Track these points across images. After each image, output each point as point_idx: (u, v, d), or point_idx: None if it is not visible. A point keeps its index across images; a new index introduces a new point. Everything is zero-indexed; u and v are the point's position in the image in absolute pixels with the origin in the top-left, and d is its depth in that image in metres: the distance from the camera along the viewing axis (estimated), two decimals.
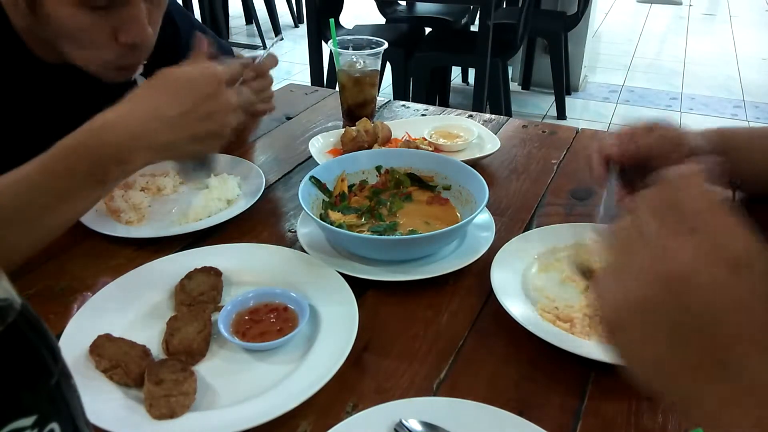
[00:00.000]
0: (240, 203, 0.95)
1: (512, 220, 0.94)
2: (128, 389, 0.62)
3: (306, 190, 0.87)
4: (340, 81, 1.24)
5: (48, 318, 0.72)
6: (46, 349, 0.30)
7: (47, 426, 0.29)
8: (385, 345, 0.70)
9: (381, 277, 0.78)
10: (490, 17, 2.70)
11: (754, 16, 6.64)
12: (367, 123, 1.12)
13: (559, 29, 3.63)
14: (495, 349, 0.70)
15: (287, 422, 0.59)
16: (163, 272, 0.78)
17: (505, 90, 3.25)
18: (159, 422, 0.58)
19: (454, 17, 3.56)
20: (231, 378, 0.65)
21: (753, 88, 4.35)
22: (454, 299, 0.77)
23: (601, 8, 5.76)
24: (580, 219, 0.93)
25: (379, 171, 0.97)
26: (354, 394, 0.63)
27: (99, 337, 0.65)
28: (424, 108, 1.37)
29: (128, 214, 0.91)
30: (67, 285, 0.79)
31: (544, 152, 1.16)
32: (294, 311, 0.71)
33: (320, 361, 0.65)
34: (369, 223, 0.89)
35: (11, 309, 0.28)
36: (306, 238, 0.84)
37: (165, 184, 1.00)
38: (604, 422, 0.60)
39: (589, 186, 1.04)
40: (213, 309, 0.73)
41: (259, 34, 5.10)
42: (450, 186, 0.94)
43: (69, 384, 0.32)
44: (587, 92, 4.25)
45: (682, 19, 6.35)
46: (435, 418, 0.57)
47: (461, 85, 4.27)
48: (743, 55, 5.06)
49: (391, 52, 2.82)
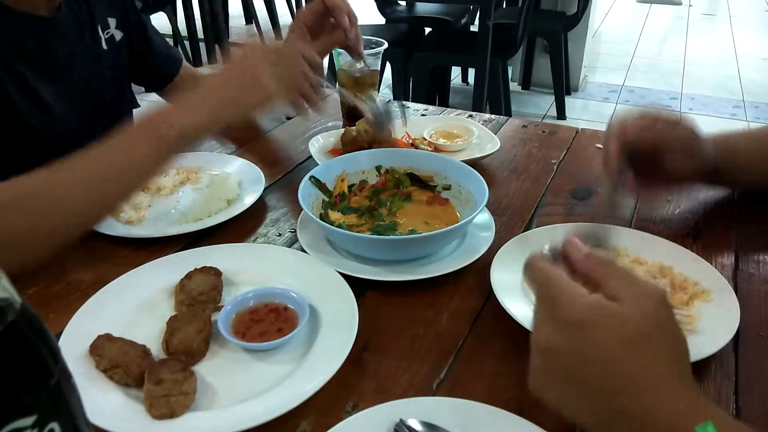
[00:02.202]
0: (240, 203, 0.95)
1: (512, 220, 0.94)
2: (128, 389, 0.62)
3: (306, 190, 0.87)
4: (340, 81, 1.24)
5: (48, 318, 0.72)
6: (46, 349, 0.30)
7: (47, 426, 0.29)
8: (385, 345, 0.70)
9: (381, 277, 0.78)
10: (490, 17, 2.70)
11: (754, 16, 6.64)
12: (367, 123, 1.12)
13: (559, 29, 3.63)
14: (495, 349, 0.70)
15: (287, 422, 0.59)
16: (163, 272, 0.78)
17: (505, 90, 3.25)
18: (159, 422, 0.58)
19: (454, 17, 3.56)
20: (231, 378, 0.65)
21: (753, 88, 4.35)
22: (454, 299, 0.77)
23: (601, 8, 5.76)
24: (580, 219, 0.93)
25: (379, 171, 0.97)
26: (354, 394, 0.63)
27: (99, 337, 0.65)
28: (424, 108, 1.37)
29: (128, 213, 0.91)
30: (67, 285, 0.79)
31: (543, 152, 1.16)
32: (294, 311, 0.71)
33: (320, 361, 0.65)
34: (369, 223, 0.89)
35: (11, 309, 0.28)
36: (306, 238, 0.84)
37: (165, 184, 1.00)
38: None
39: (589, 186, 1.04)
40: (213, 309, 0.73)
41: (259, 34, 5.10)
42: (450, 186, 0.94)
43: (69, 384, 0.32)
44: (587, 92, 4.25)
45: (681, 19, 6.35)
46: (435, 418, 0.57)
47: (461, 85, 4.27)
48: (743, 55, 5.06)
49: (391, 52, 2.82)
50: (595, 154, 1.15)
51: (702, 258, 0.81)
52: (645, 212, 0.96)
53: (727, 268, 0.83)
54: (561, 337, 0.48)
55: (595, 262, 0.51)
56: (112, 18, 1.10)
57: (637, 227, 0.89)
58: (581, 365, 0.47)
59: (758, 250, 0.87)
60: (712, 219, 0.95)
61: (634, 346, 0.46)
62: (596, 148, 1.17)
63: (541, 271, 0.51)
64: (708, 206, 0.99)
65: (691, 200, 1.00)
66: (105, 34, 1.09)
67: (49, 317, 0.73)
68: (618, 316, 0.46)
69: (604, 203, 0.97)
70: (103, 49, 1.08)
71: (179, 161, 1.07)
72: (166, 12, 4.09)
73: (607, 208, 0.79)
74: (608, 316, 0.46)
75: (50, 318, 0.72)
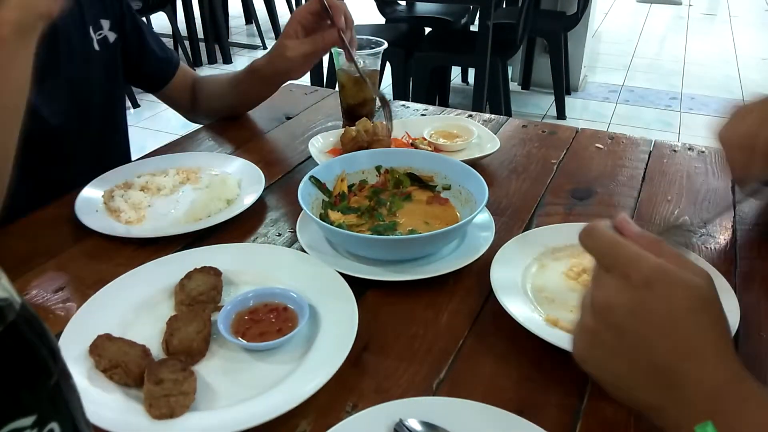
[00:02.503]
0: (240, 203, 0.95)
1: (512, 220, 0.94)
2: (128, 389, 0.62)
3: (306, 190, 0.87)
4: (340, 81, 1.24)
5: (48, 318, 0.72)
6: (46, 349, 0.30)
7: (47, 426, 0.29)
8: (385, 345, 0.70)
9: (381, 277, 0.78)
10: (490, 17, 2.70)
11: (754, 16, 6.64)
12: (367, 123, 1.12)
13: (559, 29, 3.63)
14: (495, 349, 0.70)
15: (287, 422, 0.59)
16: (163, 272, 0.78)
17: (505, 90, 3.25)
18: (159, 422, 0.58)
19: (454, 17, 3.56)
20: (231, 378, 0.65)
21: (753, 88, 4.34)
22: (454, 299, 0.77)
23: (600, 8, 5.76)
24: (580, 219, 0.93)
25: (379, 171, 0.97)
26: (354, 394, 0.63)
27: (99, 337, 0.65)
28: (424, 108, 1.37)
29: (128, 213, 0.91)
30: (67, 285, 0.79)
31: (543, 152, 1.16)
32: (294, 311, 0.71)
33: (320, 361, 0.65)
34: (369, 223, 0.89)
35: (11, 309, 0.28)
36: (306, 238, 0.84)
37: (165, 184, 1.00)
38: (604, 422, 0.60)
39: (589, 186, 1.04)
40: (213, 309, 0.73)
41: (259, 34, 5.10)
42: (450, 186, 0.94)
43: (69, 384, 0.32)
44: (587, 92, 4.25)
45: (681, 19, 6.36)
46: (435, 418, 0.57)
47: (461, 85, 4.27)
48: (743, 55, 5.06)
49: (391, 52, 2.82)
50: (595, 154, 1.16)
51: (702, 258, 0.80)
52: (644, 212, 0.96)
53: (727, 268, 0.83)
54: (625, 295, 0.48)
55: (649, 239, 0.52)
56: (105, 20, 1.11)
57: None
58: (643, 322, 0.48)
59: (758, 250, 0.87)
60: (712, 219, 0.95)
61: (694, 312, 0.47)
62: (596, 148, 1.18)
63: (605, 234, 0.52)
64: (707, 206, 0.99)
65: (691, 200, 1.00)
66: (97, 36, 1.09)
67: (49, 317, 0.73)
68: (683, 281, 0.48)
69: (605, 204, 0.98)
70: (95, 50, 1.08)
71: (179, 161, 1.07)
72: (166, 12, 4.10)
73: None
74: (674, 279, 0.48)
75: (50, 318, 0.73)
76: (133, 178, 1.00)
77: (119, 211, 0.92)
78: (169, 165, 1.06)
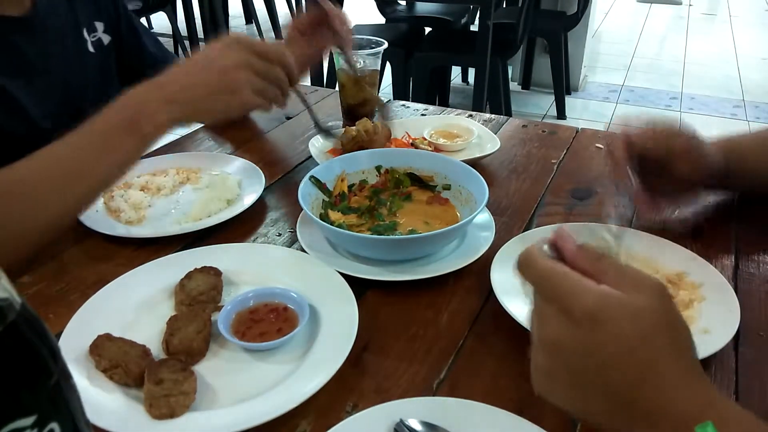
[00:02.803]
0: (240, 203, 0.95)
1: (512, 220, 0.94)
2: (128, 389, 0.62)
3: (306, 190, 0.87)
4: (340, 81, 1.24)
5: (48, 318, 0.72)
6: (46, 349, 0.30)
7: (47, 426, 0.29)
8: (385, 345, 0.70)
9: (381, 277, 0.78)
10: (490, 17, 2.70)
11: (754, 16, 6.64)
12: (367, 123, 1.12)
13: (559, 29, 3.63)
14: (495, 349, 0.70)
15: (287, 422, 0.59)
16: (163, 272, 0.78)
17: (505, 90, 3.25)
18: (159, 422, 0.58)
19: (454, 17, 3.56)
20: (231, 378, 0.65)
21: (753, 88, 4.35)
22: (454, 299, 0.77)
23: (601, 8, 5.76)
24: (580, 219, 0.93)
25: (379, 171, 0.97)
26: (354, 394, 0.63)
27: (99, 337, 0.65)
28: (424, 108, 1.37)
29: (128, 213, 0.91)
30: (67, 285, 0.79)
31: (543, 152, 1.16)
32: (294, 311, 0.71)
33: (320, 361, 0.65)
34: (369, 223, 0.89)
35: (11, 309, 0.28)
36: (306, 238, 0.84)
37: (165, 184, 1.00)
38: None
39: (589, 185, 1.04)
40: (213, 309, 0.73)
41: (259, 34, 5.10)
42: (450, 186, 0.94)
43: (69, 384, 0.32)
44: (587, 92, 4.25)
45: (682, 19, 6.35)
46: (435, 418, 0.57)
47: (461, 84, 4.27)
48: (743, 55, 5.06)
49: (391, 52, 2.81)
50: (595, 154, 1.16)
51: (702, 258, 0.81)
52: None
53: (727, 268, 0.83)
54: (571, 332, 0.46)
55: (587, 255, 0.49)
56: (99, 22, 1.11)
57: (636, 227, 0.89)
58: (595, 360, 0.45)
59: (758, 250, 0.87)
60: (712, 219, 0.95)
61: (648, 339, 0.45)
62: (596, 148, 1.17)
63: (541, 265, 0.49)
64: (708, 206, 0.99)
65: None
66: (91, 37, 1.09)
67: (49, 317, 0.73)
68: (629, 309, 0.45)
69: (608, 213, 0.98)
70: (89, 51, 1.08)
71: (179, 161, 1.07)
72: (166, 12, 4.10)
73: (612, 217, 0.80)
74: (619, 311, 0.45)
75: (50, 318, 0.72)
76: (132, 178, 1.00)
77: (119, 211, 0.92)
78: (169, 165, 1.06)
